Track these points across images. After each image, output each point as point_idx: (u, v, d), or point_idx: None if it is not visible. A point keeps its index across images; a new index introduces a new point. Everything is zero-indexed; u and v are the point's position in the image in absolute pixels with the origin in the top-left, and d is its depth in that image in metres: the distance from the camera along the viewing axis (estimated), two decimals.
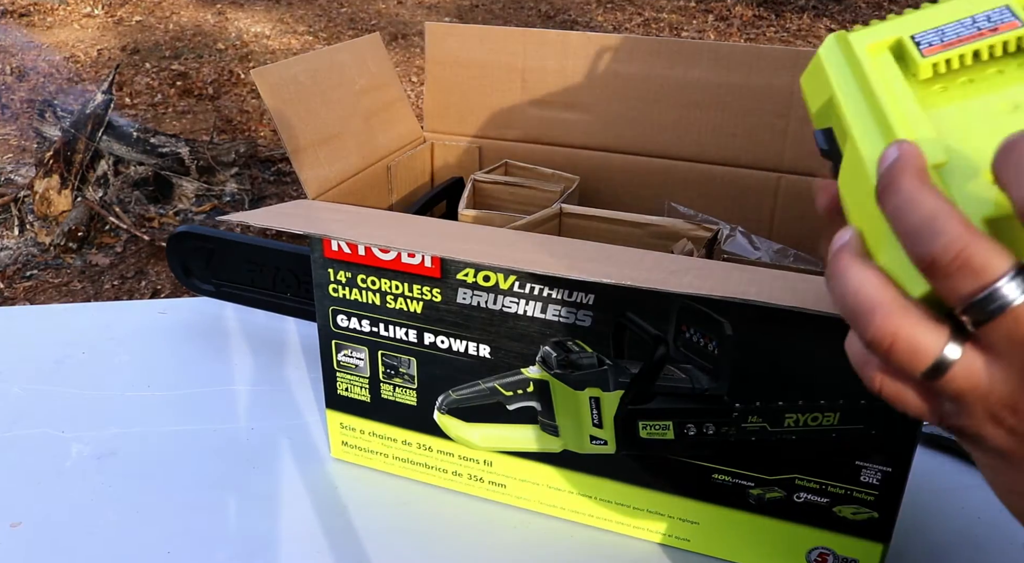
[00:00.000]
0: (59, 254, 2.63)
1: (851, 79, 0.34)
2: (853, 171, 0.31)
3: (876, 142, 0.30)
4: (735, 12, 4.99)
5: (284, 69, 0.75)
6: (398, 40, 4.62)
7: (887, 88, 0.32)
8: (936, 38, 0.32)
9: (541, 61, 0.87)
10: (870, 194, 0.29)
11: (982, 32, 0.32)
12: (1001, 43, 0.31)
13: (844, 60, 0.34)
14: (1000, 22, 0.32)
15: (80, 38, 4.69)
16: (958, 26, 0.33)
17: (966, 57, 0.32)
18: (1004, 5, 0.32)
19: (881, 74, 0.33)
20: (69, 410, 0.79)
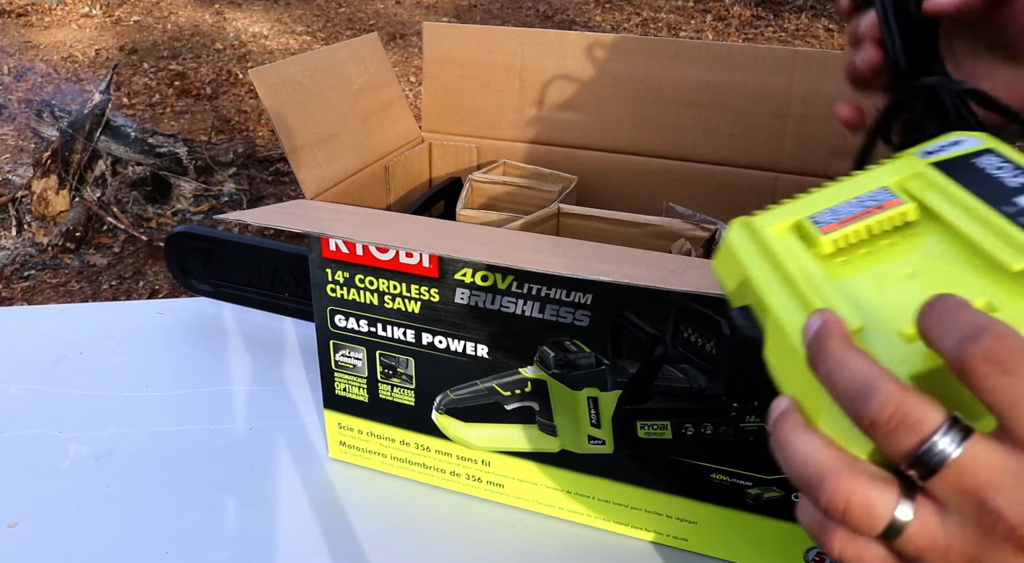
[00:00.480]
0: (57, 254, 2.63)
1: (762, 259, 0.37)
2: (778, 344, 0.34)
3: (795, 314, 0.33)
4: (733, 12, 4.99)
5: (282, 69, 0.75)
6: (396, 40, 4.62)
7: (796, 264, 0.35)
8: (832, 217, 0.36)
9: (539, 61, 0.87)
10: (799, 363, 0.32)
11: (870, 210, 0.36)
12: (888, 219, 0.35)
13: (752, 243, 0.38)
14: (883, 200, 0.36)
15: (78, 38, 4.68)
16: (847, 206, 0.37)
17: (861, 232, 0.35)
18: (882, 187, 0.37)
19: (788, 252, 0.36)
20: (67, 410, 0.79)
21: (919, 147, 0.39)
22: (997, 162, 0.36)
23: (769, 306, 0.35)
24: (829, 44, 4.50)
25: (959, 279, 0.32)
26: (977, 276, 0.32)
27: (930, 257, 0.34)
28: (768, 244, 0.37)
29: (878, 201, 0.36)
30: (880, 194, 0.37)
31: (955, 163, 0.37)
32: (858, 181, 0.38)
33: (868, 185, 0.37)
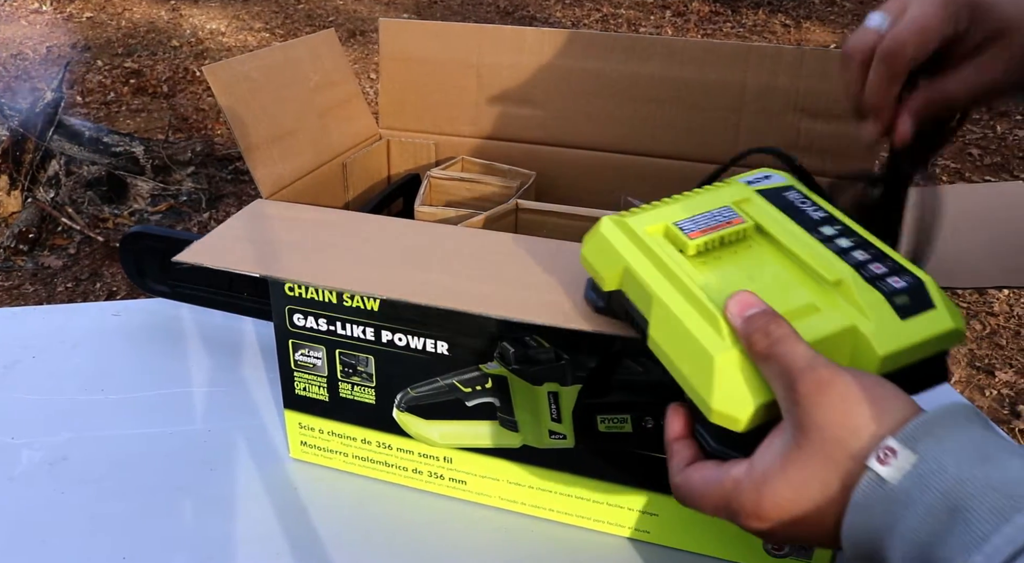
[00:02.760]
0: (9, 257, 2.57)
1: (641, 254, 0.46)
2: (665, 320, 0.43)
3: (680, 301, 0.43)
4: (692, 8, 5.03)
5: (237, 66, 0.74)
6: (356, 37, 4.59)
7: (673, 261, 0.44)
8: (693, 226, 0.46)
9: (496, 57, 0.87)
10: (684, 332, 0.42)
11: (721, 224, 0.45)
12: (735, 232, 0.45)
13: (629, 239, 0.47)
14: (730, 218, 0.46)
15: (28, 35, 4.58)
16: (704, 218, 0.46)
17: (716, 240, 0.45)
18: (725, 206, 0.47)
19: (664, 251, 0.45)
20: (19, 415, 0.78)
21: (738, 177, 0.50)
22: (800, 197, 0.47)
23: (655, 293, 0.43)
24: (786, 39, 4.56)
25: (788, 284, 0.42)
26: (802, 283, 0.42)
27: (765, 265, 0.44)
28: (645, 242, 0.46)
29: (726, 217, 0.46)
30: (726, 211, 0.46)
31: (771, 193, 0.48)
32: (706, 198, 0.48)
33: (715, 203, 0.47)
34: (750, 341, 0.38)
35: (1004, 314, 2.27)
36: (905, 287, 0.40)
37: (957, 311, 0.41)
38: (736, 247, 0.45)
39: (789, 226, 0.45)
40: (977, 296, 2.34)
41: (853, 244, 0.43)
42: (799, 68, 0.78)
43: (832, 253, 0.42)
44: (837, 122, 0.78)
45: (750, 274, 0.43)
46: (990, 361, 2.10)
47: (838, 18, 4.89)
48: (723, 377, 0.39)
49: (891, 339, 0.38)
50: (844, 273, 0.41)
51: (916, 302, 0.39)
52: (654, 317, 0.43)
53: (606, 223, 0.48)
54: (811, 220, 0.45)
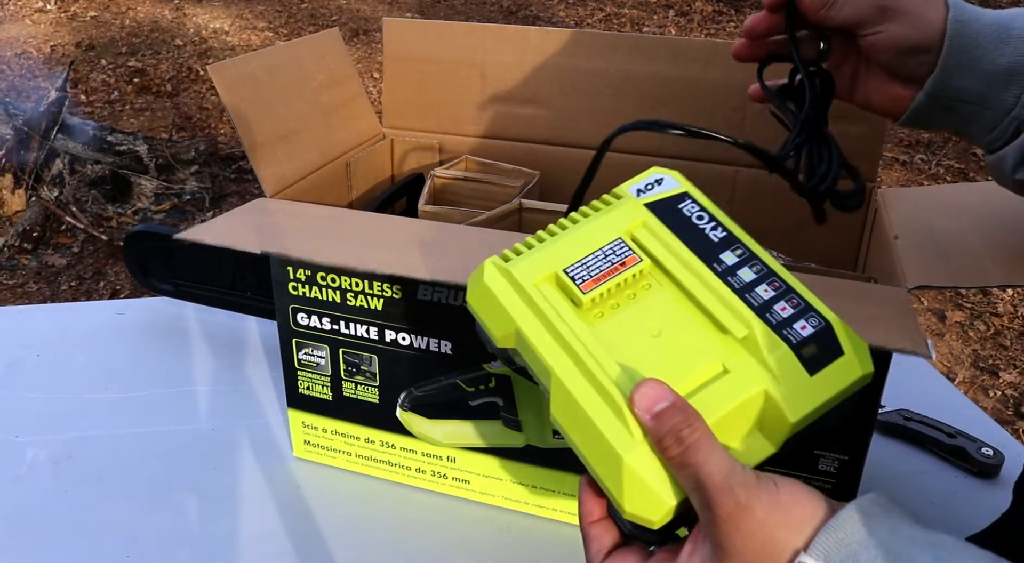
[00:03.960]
0: (13, 255, 2.57)
1: (532, 314, 0.40)
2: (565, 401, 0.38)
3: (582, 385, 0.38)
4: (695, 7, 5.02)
5: (241, 65, 0.74)
6: (359, 36, 4.59)
7: (566, 323, 0.39)
8: (586, 273, 0.41)
9: (500, 57, 0.87)
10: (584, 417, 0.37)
11: (615, 267, 0.41)
12: (631, 274, 0.40)
13: (516, 293, 0.41)
14: (625, 256, 0.41)
15: (32, 34, 4.58)
16: (595, 260, 0.41)
17: (612, 288, 0.40)
18: (617, 238, 0.42)
19: (556, 307, 0.40)
20: (24, 414, 0.78)
21: (629, 183, 0.44)
22: (696, 210, 0.43)
23: (554, 372, 0.39)
24: None
25: (694, 340, 0.39)
26: (708, 336, 0.39)
27: (668, 314, 0.40)
28: (534, 299, 0.41)
29: (620, 256, 0.41)
30: (619, 247, 0.41)
31: (665, 207, 0.43)
32: (594, 229, 0.42)
33: (605, 235, 0.42)
34: (662, 445, 0.35)
35: (1008, 315, 2.27)
36: (812, 334, 0.38)
37: (865, 350, 0.38)
38: (635, 289, 0.41)
39: (688, 260, 0.40)
40: (981, 296, 2.34)
41: (756, 276, 0.40)
42: None
43: (736, 297, 0.39)
44: (839, 121, 0.78)
45: (654, 328, 0.39)
46: (994, 362, 2.09)
47: None
48: (634, 478, 0.36)
49: (801, 402, 0.37)
50: (750, 325, 0.38)
51: (824, 351, 0.37)
52: (554, 396, 0.39)
53: (489, 271, 0.42)
54: (710, 245, 0.41)
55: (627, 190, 0.44)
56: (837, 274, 0.65)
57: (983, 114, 0.53)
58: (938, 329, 2.21)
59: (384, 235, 0.64)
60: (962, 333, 2.19)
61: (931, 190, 0.89)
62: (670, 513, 0.36)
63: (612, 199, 0.44)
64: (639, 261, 0.41)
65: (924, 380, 0.89)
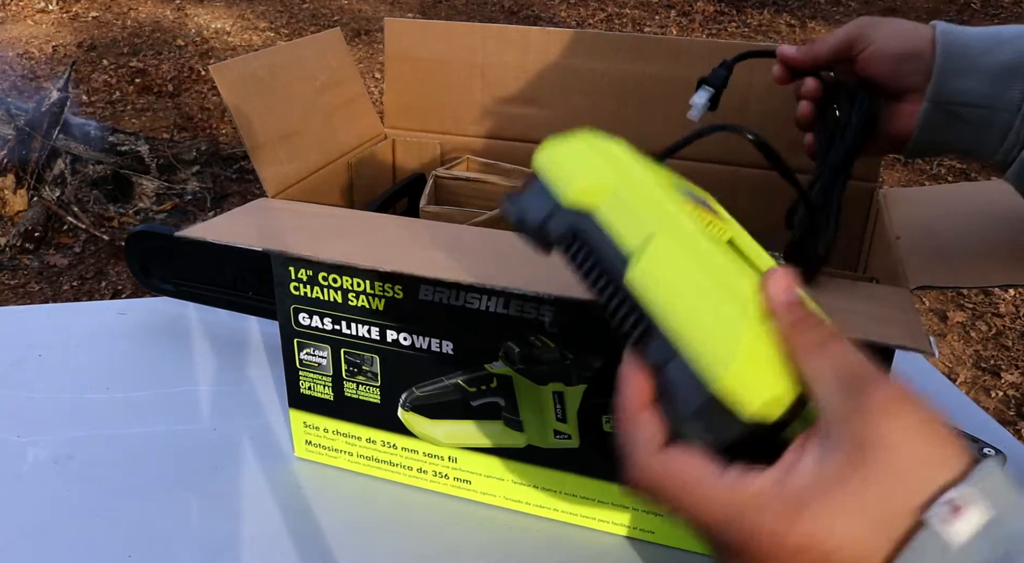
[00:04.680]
0: (15, 255, 2.57)
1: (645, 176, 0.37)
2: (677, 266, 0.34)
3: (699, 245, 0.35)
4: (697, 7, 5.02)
5: (243, 65, 0.74)
6: (361, 36, 4.59)
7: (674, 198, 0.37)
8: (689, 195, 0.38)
9: (501, 57, 0.87)
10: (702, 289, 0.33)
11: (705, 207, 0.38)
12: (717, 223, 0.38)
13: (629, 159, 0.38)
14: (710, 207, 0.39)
15: (34, 34, 4.59)
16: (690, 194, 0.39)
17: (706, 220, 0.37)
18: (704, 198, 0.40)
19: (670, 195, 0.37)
20: (26, 414, 0.78)
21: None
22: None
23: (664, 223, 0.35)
24: (791, 39, 4.55)
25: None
26: None
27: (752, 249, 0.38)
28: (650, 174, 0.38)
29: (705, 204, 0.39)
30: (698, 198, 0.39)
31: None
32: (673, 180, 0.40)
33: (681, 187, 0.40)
34: (798, 327, 0.31)
35: (1010, 315, 2.27)
36: None
37: None
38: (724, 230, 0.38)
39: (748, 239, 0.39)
40: (983, 296, 2.33)
41: None
42: None
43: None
44: None
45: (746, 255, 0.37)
46: (996, 362, 2.09)
47: (843, 18, 4.88)
48: (749, 349, 0.31)
49: None
50: None
51: None
52: (656, 253, 0.34)
53: (591, 135, 0.39)
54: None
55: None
56: (839, 274, 0.65)
57: (992, 118, 0.52)
58: (940, 329, 2.20)
59: (385, 235, 0.64)
60: (964, 334, 2.19)
61: (933, 190, 0.89)
62: (786, 404, 0.31)
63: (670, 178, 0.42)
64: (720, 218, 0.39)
65: (926, 381, 0.89)
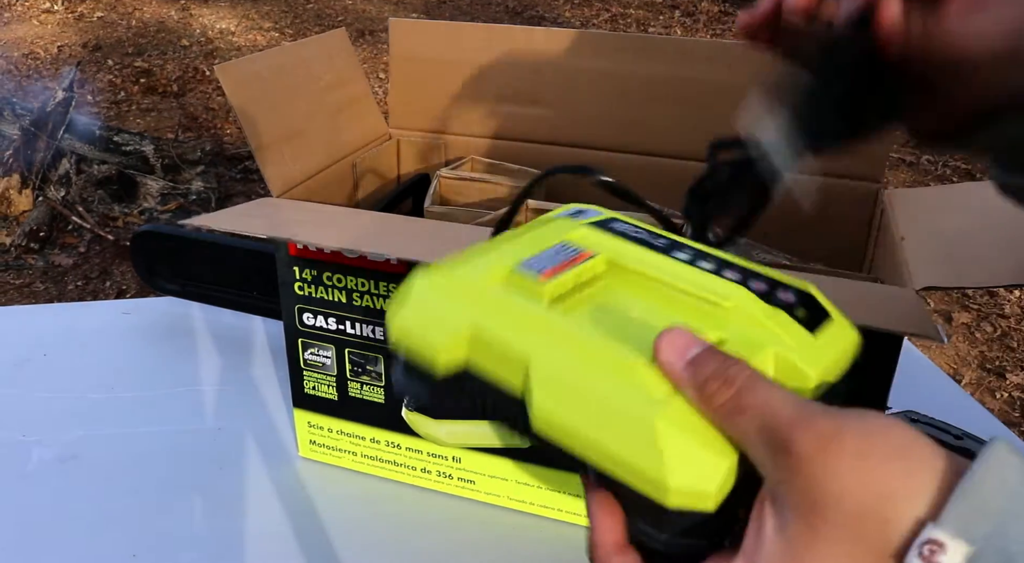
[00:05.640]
0: (20, 255, 2.58)
1: (491, 311, 0.33)
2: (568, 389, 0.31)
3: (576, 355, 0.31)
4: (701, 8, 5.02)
5: (248, 65, 0.74)
6: (365, 36, 4.59)
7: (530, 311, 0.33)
8: (540, 265, 0.34)
9: (506, 57, 0.87)
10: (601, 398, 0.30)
11: (570, 260, 0.35)
12: (590, 267, 0.35)
13: (465, 296, 0.34)
14: (576, 253, 0.35)
15: (39, 34, 4.60)
16: (545, 258, 0.35)
17: (571, 279, 0.34)
18: (562, 241, 0.36)
19: (515, 303, 0.33)
20: (30, 413, 0.78)
21: (552, 214, 0.40)
22: (631, 227, 0.38)
23: (537, 352, 0.31)
24: None
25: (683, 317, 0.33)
26: (696, 316, 0.33)
27: (642, 303, 0.34)
28: (487, 295, 0.34)
29: (569, 253, 0.35)
30: (565, 247, 0.36)
31: (599, 224, 0.38)
32: (532, 238, 0.37)
33: (545, 241, 0.36)
34: (705, 393, 0.28)
35: (1015, 316, 2.26)
36: (796, 300, 0.33)
37: (848, 321, 0.34)
38: (594, 290, 0.35)
39: (643, 254, 0.35)
40: (988, 297, 2.33)
41: (717, 265, 0.35)
42: None
43: (710, 274, 0.34)
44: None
45: (633, 314, 0.33)
46: (1001, 363, 2.09)
47: None
48: (672, 441, 0.28)
49: (814, 358, 0.31)
50: (736, 293, 0.33)
51: (814, 314, 0.33)
52: (539, 388, 0.31)
53: (422, 278, 0.35)
54: (658, 246, 0.36)
55: (551, 216, 0.39)
56: (843, 275, 0.65)
57: None
58: (945, 331, 2.20)
59: (390, 232, 0.64)
60: (969, 335, 2.19)
61: (937, 190, 0.89)
62: (729, 479, 0.28)
63: (541, 223, 0.39)
64: (593, 255, 0.35)
65: (931, 382, 0.89)
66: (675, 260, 0.35)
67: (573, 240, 0.36)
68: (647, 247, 0.36)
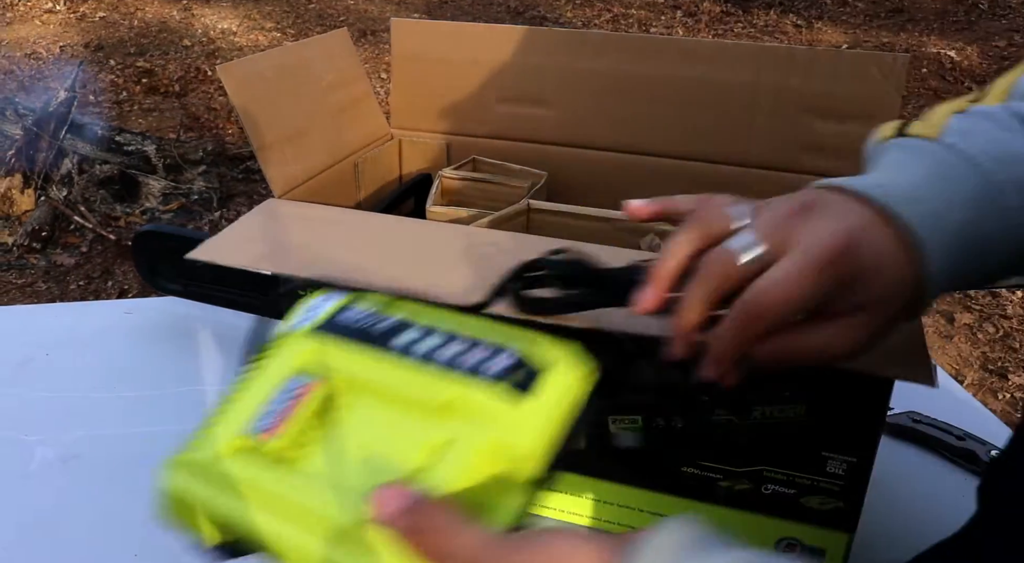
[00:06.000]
0: (23, 254, 2.58)
1: (226, 495, 0.35)
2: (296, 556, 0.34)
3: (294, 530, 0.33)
4: (703, 8, 5.02)
5: (250, 65, 0.74)
6: (367, 36, 4.60)
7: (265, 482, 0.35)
8: (268, 422, 0.36)
9: (508, 57, 0.87)
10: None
11: (295, 401, 0.36)
12: (315, 400, 0.36)
13: (207, 481, 0.36)
14: (303, 387, 0.37)
15: (42, 34, 4.60)
16: (273, 405, 0.37)
17: (299, 425, 0.36)
18: (292, 375, 0.37)
19: (251, 473, 0.35)
20: (33, 413, 0.78)
21: (291, 317, 0.41)
22: (361, 313, 0.39)
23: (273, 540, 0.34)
24: (797, 40, 4.54)
25: (406, 431, 0.35)
26: (419, 419, 0.35)
27: (371, 421, 0.36)
28: (226, 475, 0.36)
29: (298, 391, 0.37)
30: (294, 382, 0.38)
31: (330, 324, 0.39)
32: (265, 380, 0.38)
33: (277, 378, 0.38)
34: (417, 546, 0.32)
35: (1018, 317, 2.26)
36: (511, 364, 0.35)
37: (576, 352, 0.37)
38: (328, 421, 0.37)
39: (366, 358, 0.37)
40: (991, 298, 2.33)
41: (439, 342, 0.37)
42: (811, 69, 0.78)
43: (426, 366, 0.36)
44: (849, 122, 0.78)
45: (362, 441, 0.36)
46: (1003, 364, 2.08)
47: (850, 18, 4.87)
48: None
49: (529, 425, 0.34)
50: (448, 387, 0.35)
51: (528, 374, 0.35)
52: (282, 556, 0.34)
53: (173, 476, 0.38)
54: (384, 335, 0.38)
55: (289, 325, 0.41)
56: None
57: None
58: (947, 331, 2.20)
59: (393, 242, 0.64)
60: (971, 335, 2.19)
61: None
62: None
63: (276, 350, 0.41)
64: (319, 384, 0.37)
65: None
66: (395, 355, 0.37)
67: (300, 368, 0.38)
68: (370, 342, 0.37)
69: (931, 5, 4.69)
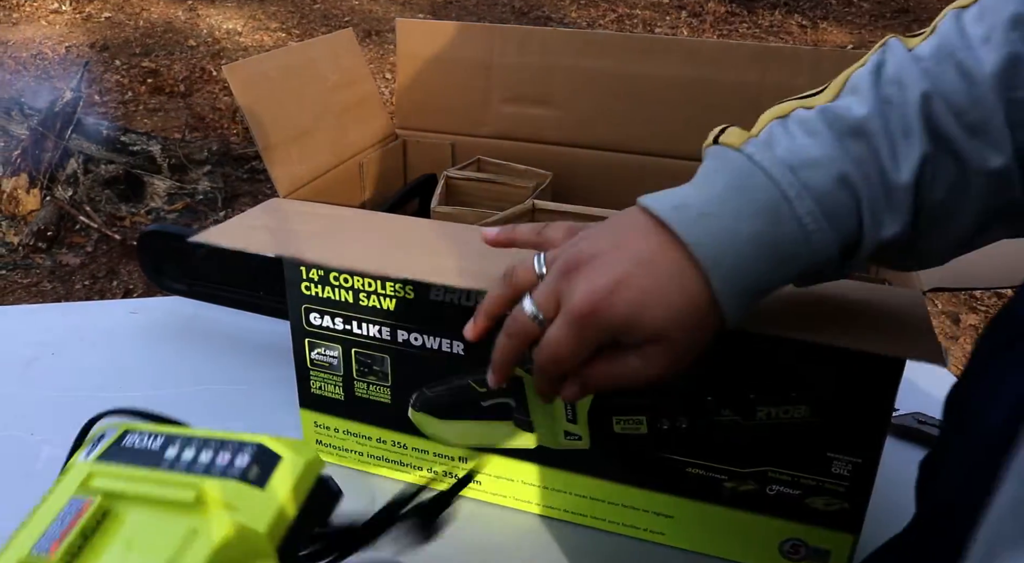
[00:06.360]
0: (28, 254, 2.59)
1: None
2: None
3: None
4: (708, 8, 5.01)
5: (255, 65, 0.74)
6: (372, 37, 4.60)
7: None
8: (49, 540, 0.39)
9: (513, 57, 0.87)
10: None
11: (74, 519, 0.40)
12: (91, 517, 0.40)
13: None
14: (80, 506, 0.41)
15: (47, 35, 4.62)
16: (55, 526, 0.40)
17: (77, 538, 0.39)
18: (72, 497, 0.41)
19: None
20: (39, 412, 0.78)
21: (77, 455, 0.46)
22: (137, 437, 0.45)
23: None
24: (802, 40, 4.53)
25: (160, 532, 0.39)
26: (173, 519, 0.39)
27: (134, 528, 0.40)
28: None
29: (76, 509, 0.41)
30: (74, 503, 0.41)
31: (110, 452, 0.44)
32: (50, 504, 0.42)
33: (60, 502, 0.42)
34: None
35: None
36: (251, 460, 0.41)
37: (305, 446, 0.43)
38: (102, 530, 0.41)
39: (134, 474, 0.42)
40: (996, 299, 2.32)
41: (195, 451, 0.42)
42: (816, 69, 0.78)
43: (180, 474, 0.41)
44: None
45: (129, 542, 0.40)
46: None
47: (855, 19, 4.86)
48: None
49: (264, 512, 0.39)
50: (195, 487, 0.40)
51: (265, 466, 0.41)
52: None
53: None
54: (154, 452, 0.43)
55: (77, 460, 0.46)
56: (851, 277, 0.65)
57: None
58: (952, 332, 2.19)
59: (397, 236, 0.64)
60: (976, 336, 2.18)
61: None
62: None
63: (62, 478, 0.45)
64: (92, 501, 0.41)
65: (938, 383, 0.88)
66: (159, 469, 0.42)
67: (82, 488, 0.42)
68: (140, 461, 0.42)
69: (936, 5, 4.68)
